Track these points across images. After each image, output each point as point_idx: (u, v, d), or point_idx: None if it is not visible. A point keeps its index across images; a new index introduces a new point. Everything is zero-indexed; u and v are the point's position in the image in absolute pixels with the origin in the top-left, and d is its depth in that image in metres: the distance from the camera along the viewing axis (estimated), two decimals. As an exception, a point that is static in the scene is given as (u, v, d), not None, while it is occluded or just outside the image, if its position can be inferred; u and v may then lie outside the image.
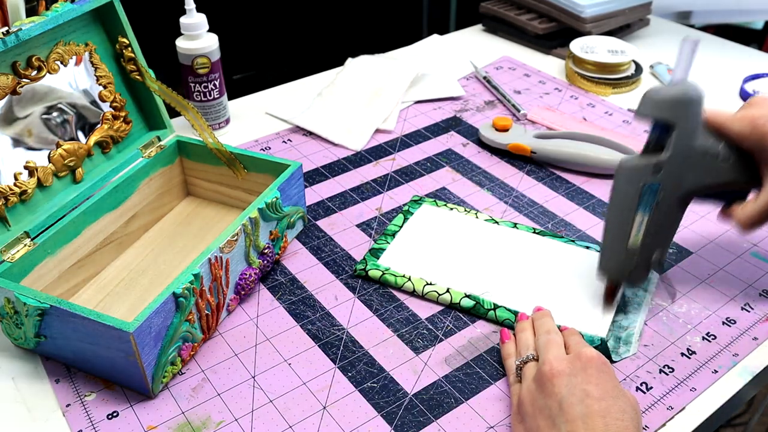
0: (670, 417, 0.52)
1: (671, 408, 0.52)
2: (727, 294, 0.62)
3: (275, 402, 0.53)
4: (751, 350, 0.57)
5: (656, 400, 0.53)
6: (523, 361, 0.52)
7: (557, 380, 0.47)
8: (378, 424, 0.51)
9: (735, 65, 1.02)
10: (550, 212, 0.73)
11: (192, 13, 0.79)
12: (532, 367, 0.51)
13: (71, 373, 0.55)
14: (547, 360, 0.49)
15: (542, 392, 0.47)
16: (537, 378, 0.48)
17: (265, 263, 0.63)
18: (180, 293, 0.52)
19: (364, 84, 0.94)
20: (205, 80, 0.82)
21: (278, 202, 0.63)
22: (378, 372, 0.55)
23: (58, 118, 0.63)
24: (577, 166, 0.78)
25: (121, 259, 0.67)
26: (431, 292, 0.61)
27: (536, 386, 0.48)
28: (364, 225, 0.71)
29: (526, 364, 0.52)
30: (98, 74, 0.65)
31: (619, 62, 0.95)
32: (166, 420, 0.52)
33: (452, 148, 0.84)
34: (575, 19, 1.04)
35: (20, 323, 0.54)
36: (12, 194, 0.57)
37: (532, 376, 0.50)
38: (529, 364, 0.52)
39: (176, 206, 0.74)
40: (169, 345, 0.52)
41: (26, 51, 0.58)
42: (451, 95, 0.95)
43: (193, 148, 0.72)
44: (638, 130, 0.87)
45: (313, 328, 0.59)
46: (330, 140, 0.85)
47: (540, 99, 0.95)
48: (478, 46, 1.11)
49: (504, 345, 0.56)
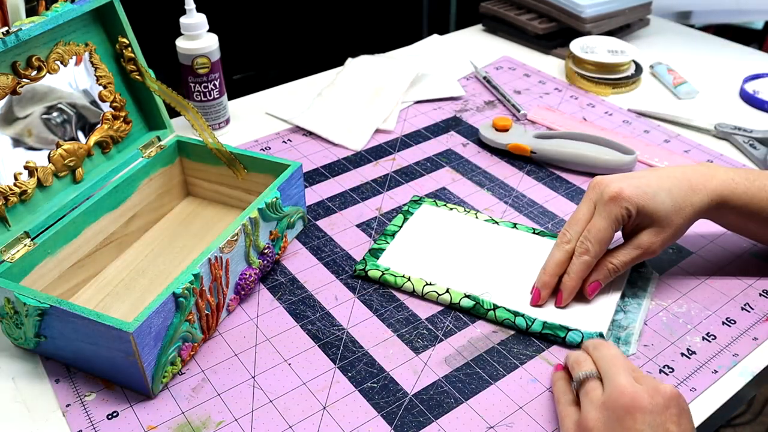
0: (670, 417, 0.52)
1: (671, 408, 0.52)
2: (727, 294, 0.62)
3: (275, 402, 0.53)
4: (751, 350, 0.57)
5: (656, 400, 0.53)
6: (585, 377, 0.48)
7: (639, 416, 0.44)
8: (378, 424, 0.51)
9: (735, 65, 1.02)
10: (550, 212, 0.73)
11: (192, 13, 0.79)
12: (596, 387, 0.48)
13: (71, 373, 0.55)
14: (624, 389, 0.45)
15: (620, 425, 0.44)
16: (611, 406, 0.45)
17: (265, 263, 0.63)
18: (180, 293, 0.52)
19: (364, 84, 0.94)
20: (205, 80, 0.82)
21: (278, 202, 0.63)
22: (378, 372, 0.55)
23: (58, 118, 0.63)
24: (577, 166, 0.78)
25: (121, 259, 0.67)
26: (431, 292, 0.61)
27: (610, 416, 0.45)
28: (364, 225, 0.71)
29: (589, 382, 0.48)
30: (98, 74, 0.65)
31: (619, 62, 0.95)
32: (166, 420, 0.52)
33: (452, 148, 0.84)
34: (575, 19, 1.04)
35: (20, 323, 0.54)
36: (12, 194, 0.57)
37: (601, 402, 0.46)
38: (592, 384, 0.48)
39: (176, 206, 0.74)
40: (169, 345, 0.52)
41: (26, 51, 0.58)
42: (451, 95, 0.95)
43: (193, 148, 0.72)
44: (638, 130, 0.87)
45: (313, 328, 0.59)
46: (330, 140, 0.85)
47: (540, 99, 0.95)
48: (478, 46, 1.11)
49: (555, 372, 0.54)
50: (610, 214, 0.57)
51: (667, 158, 0.80)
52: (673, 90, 0.96)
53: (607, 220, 0.57)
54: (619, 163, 0.77)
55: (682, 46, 1.10)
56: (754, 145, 0.82)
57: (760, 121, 0.89)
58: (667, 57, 1.05)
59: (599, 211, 0.58)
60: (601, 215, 0.58)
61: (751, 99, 0.92)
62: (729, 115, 0.90)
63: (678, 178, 0.59)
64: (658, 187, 0.58)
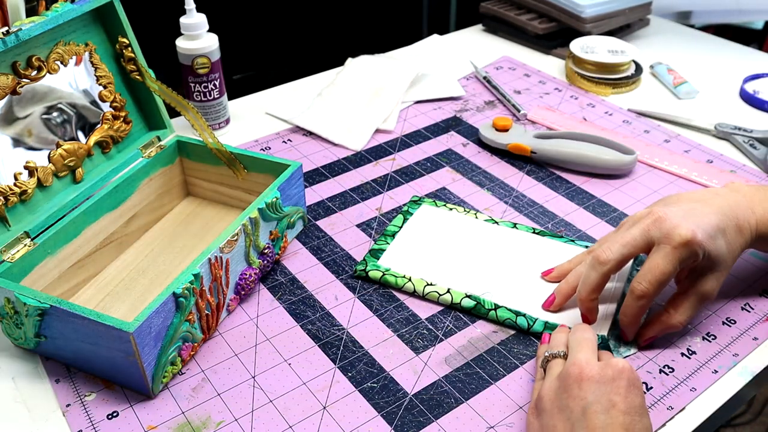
0: (671, 417, 0.52)
1: (671, 408, 0.52)
2: (727, 294, 0.62)
3: (275, 402, 0.53)
4: (751, 350, 0.57)
5: (656, 400, 0.53)
6: (551, 355, 0.51)
7: (585, 384, 0.45)
8: (378, 424, 0.51)
9: (735, 65, 1.02)
10: (550, 212, 0.73)
11: (192, 13, 0.79)
12: (559, 364, 0.50)
13: (71, 373, 0.55)
14: (577, 361, 0.47)
15: (566, 392, 0.46)
16: (563, 377, 0.47)
17: (265, 263, 0.63)
18: (180, 293, 0.52)
19: (364, 84, 0.94)
20: (205, 80, 0.82)
21: (278, 202, 0.63)
22: (378, 372, 0.55)
23: (58, 118, 0.63)
24: (577, 166, 0.78)
25: (121, 259, 0.67)
26: (432, 292, 0.61)
27: (560, 385, 0.47)
28: (364, 225, 0.71)
29: (554, 359, 0.51)
30: (98, 74, 0.65)
31: (619, 62, 0.95)
32: (166, 420, 0.52)
33: (452, 148, 0.84)
34: (575, 19, 1.04)
35: (20, 323, 0.54)
36: (12, 194, 0.57)
37: (557, 374, 0.48)
38: (556, 360, 0.51)
39: (176, 206, 0.74)
40: (169, 345, 0.52)
41: (26, 51, 0.58)
42: (451, 95, 0.95)
43: (193, 148, 0.72)
44: (638, 130, 0.87)
45: (313, 328, 0.59)
46: (330, 140, 0.85)
47: (540, 99, 0.95)
48: (478, 46, 1.11)
49: (541, 346, 0.55)
50: (679, 258, 0.52)
51: (667, 158, 0.80)
52: (673, 90, 0.96)
53: (673, 264, 0.52)
54: (619, 163, 0.77)
55: (682, 46, 1.10)
56: (754, 145, 0.82)
57: (760, 121, 0.89)
58: (667, 57, 1.05)
59: (665, 253, 0.52)
60: (667, 258, 0.52)
61: (751, 99, 0.92)
62: (729, 115, 0.90)
63: (727, 215, 0.55)
64: (717, 229, 0.54)
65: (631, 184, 0.77)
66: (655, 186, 0.76)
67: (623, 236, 0.55)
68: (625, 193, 0.76)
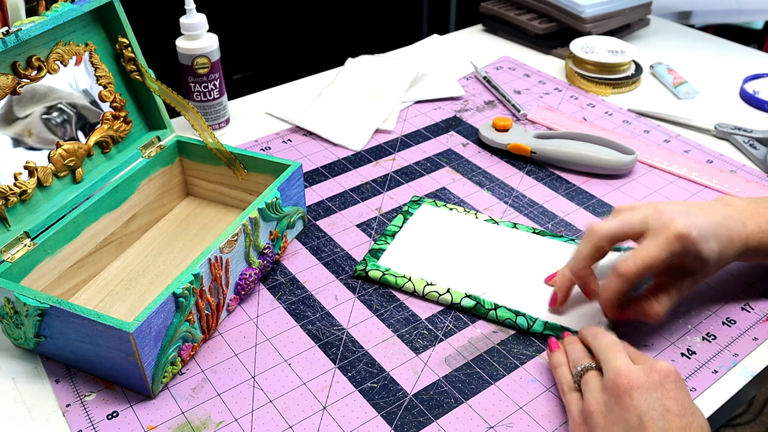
0: (670, 417, 0.52)
1: (671, 408, 0.52)
2: (727, 294, 0.62)
3: (275, 402, 0.53)
4: (751, 350, 0.57)
5: (656, 400, 0.53)
6: (584, 369, 0.50)
7: (636, 393, 0.45)
8: (378, 424, 0.51)
9: (735, 65, 1.02)
10: (550, 212, 0.73)
11: (192, 13, 0.79)
12: (594, 376, 0.49)
13: (71, 373, 0.55)
14: (620, 370, 0.46)
15: (618, 404, 0.45)
16: (610, 389, 0.46)
17: (265, 263, 0.63)
18: (180, 293, 0.52)
19: (364, 84, 0.94)
20: (205, 80, 0.82)
21: (278, 202, 0.63)
22: (378, 372, 0.55)
23: (58, 118, 0.63)
24: (577, 166, 0.78)
25: (121, 259, 0.67)
26: (432, 292, 0.61)
27: (609, 398, 0.46)
28: (364, 225, 0.71)
29: (587, 373, 0.50)
30: (98, 74, 0.65)
31: (619, 62, 0.95)
32: (166, 420, 0.52)
33: (452, 148, 0.84)
34: (575, 19, 1.04)
35: (20, 323, 0.54)
36: (12, 194, 0.57)
37: (600, 387, 0.48)
38: (590, 374, 0.49)
39: (176, 206, 0.74)
40: (169, 345, 0.52)
41: (26, 51, 0.58)
42: (451, 95, 0.95)
43: (193, 148, 0.72)
44: (638, 130, 0.87)
45: (313, 328, 0.59)
46: (330, 140, 0.85)
47: (540, 99, 0.95)
48: (478, 46, 1.11)
49: (553, 354, 0.54)
50: (670, 249, 0.52)
51: (667, 158, 0.80)
52: (673, 90, 0.96)
53: (664, 254, 0.52)
54: (619, 163, 0.77)
55: (682, 46, 1.10)
56: (754, 145, 0.82)
57: (760, 121, 0.89)
58: (667, 57, 1.05)
59: (659, 242, 0.52)
60: (660, 247, 0.52)
61: (751, 99, 0.92)
62: (729, 115, 0.90)
63: (721, 224, 0.55)
64: (712, 233, 0.54)
65: (631, 184, 0.77)
66: (655, 186, 0.77)
67: (621, 215, 0.55)
68: (625, 193, 0.76)
